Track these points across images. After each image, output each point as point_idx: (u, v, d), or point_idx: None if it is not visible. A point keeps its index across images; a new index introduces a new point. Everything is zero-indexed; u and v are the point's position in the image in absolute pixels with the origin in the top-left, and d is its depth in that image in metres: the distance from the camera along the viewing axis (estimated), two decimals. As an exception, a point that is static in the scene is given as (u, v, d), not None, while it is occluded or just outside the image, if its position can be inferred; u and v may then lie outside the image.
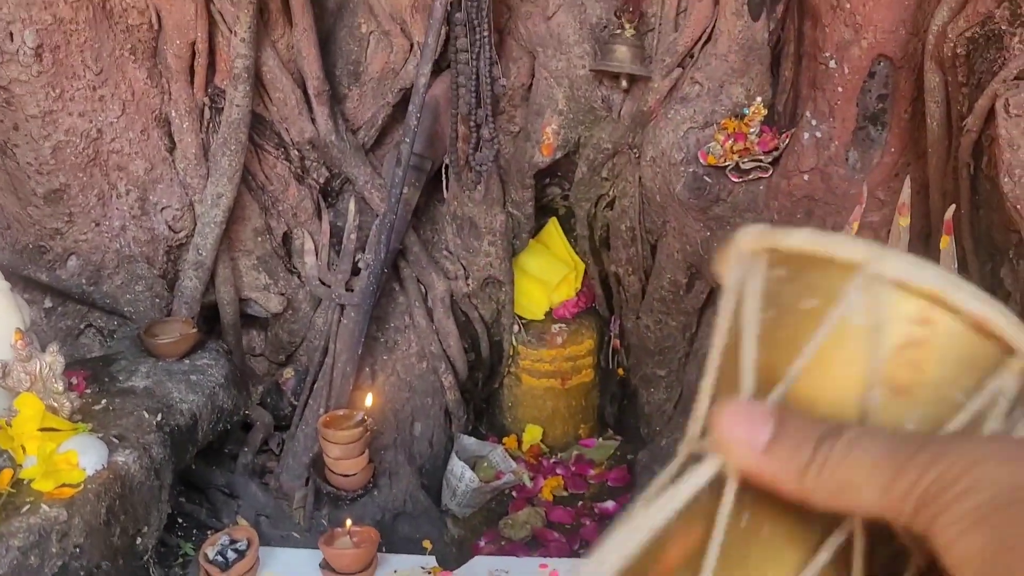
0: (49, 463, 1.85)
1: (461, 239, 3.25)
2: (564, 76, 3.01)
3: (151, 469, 2.06)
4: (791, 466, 0.37)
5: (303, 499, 2.85)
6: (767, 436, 0.37)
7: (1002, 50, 1.83)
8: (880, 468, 0.35)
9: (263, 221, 2.96)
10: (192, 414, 2.32)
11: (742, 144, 2.71)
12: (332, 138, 2.91)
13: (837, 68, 2.32)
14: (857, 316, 0.39)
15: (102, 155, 2.57)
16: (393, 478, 2.96)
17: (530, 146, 3.12)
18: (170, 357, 2.46)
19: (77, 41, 2.41)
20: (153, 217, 2.72)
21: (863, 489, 0.35)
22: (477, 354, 3.37)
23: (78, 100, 2.46)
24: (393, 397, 3.13)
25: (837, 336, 0.39)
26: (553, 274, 3.43)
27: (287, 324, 3.11)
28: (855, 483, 0.35)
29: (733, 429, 0.38)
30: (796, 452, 0.36)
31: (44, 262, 2.58)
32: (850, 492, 0.35)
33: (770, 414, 0.38)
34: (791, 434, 0.37)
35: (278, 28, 2.75)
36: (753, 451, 0.37)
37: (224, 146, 2.68)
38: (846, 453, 0.35)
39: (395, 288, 3.18)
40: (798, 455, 0.36)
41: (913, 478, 0.34)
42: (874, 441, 0.36)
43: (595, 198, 3.28)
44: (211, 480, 2.82)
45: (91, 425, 2.04)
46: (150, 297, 2.71)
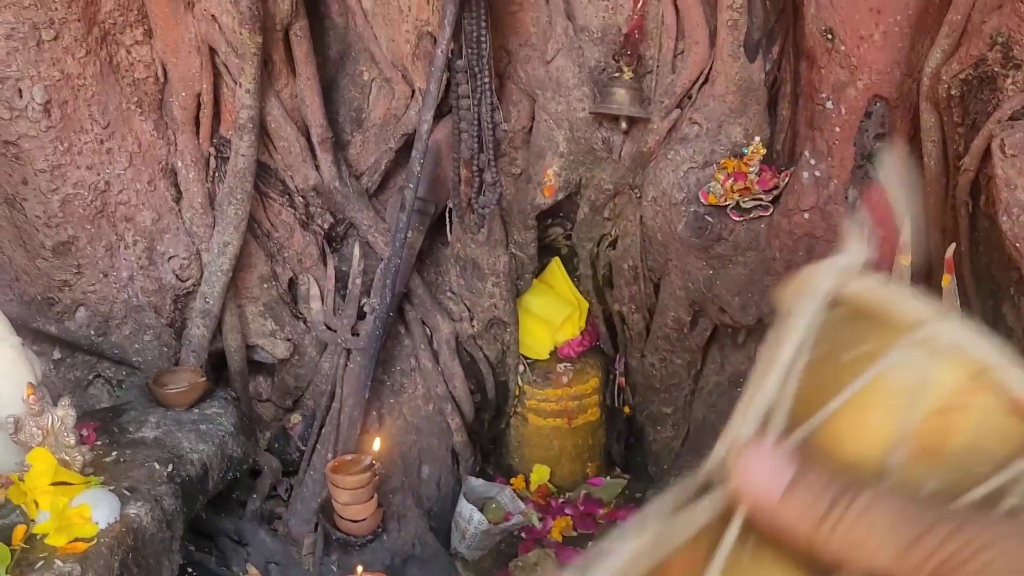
0: (62, 518, 1.85)
1: (465, 281, 3.28)
2: (564, 119, 3.04)
3: (163, 521, 2.06)
4: (807, 516, 0.37)
5: (312, 545, 2.84)
6: (785, 484, 0.38)
7: (995, 91, 1.86)
8: (897, 534, 0.35)
9: (269, 268, 2.98)
10: (202, 464, 2.33)
11: (742, 183, 2.74)
12: (336, 184, 2.95)
13: (834, 108, 2.35)
14: (901, 372, 0.40)
15: (110, 207, 2.60)
16: (402, 522, 2.96)
17: (532, 188, 3.15)
18: (179, 407, 2.47)
19: (85, 96, 2.45)
20: (160, 267, 2.74)
21: (877, 551, 0.35)
22: (483, 395, 3.37)
23: (86, 153, 2.49)
24: (400, 440, 3.14)
25: (877, 387, 0.40)
26: (557, 314, 3.44)
27: (294, 369, 3.12)
28: (870, 544, 0.35)
29: (753, 475, 0.38)
30: (814, 504, 0.37)
31: (53, 314, 2.60)
32: (863, 551, 0.36)
33: (792, 461, 0.38)
34: (810, 484, 0.37)
35: (282, 78, 2.79)
36: (770, 500, 0.38)
37: (230, 195, 2.71)
38: (864, 513, 0.36)
39: (400, 331, 3.20)
40: (815, 507, 0.37)
41: (929, 549, 0.34)
42: (893, 505, 0.36)
43: (597, 238, 3.30)
44: (220, 528, 2.82)
45: (103, 478, 2.04)
46: (158, 346, 2.73)
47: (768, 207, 2.72)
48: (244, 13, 2.48)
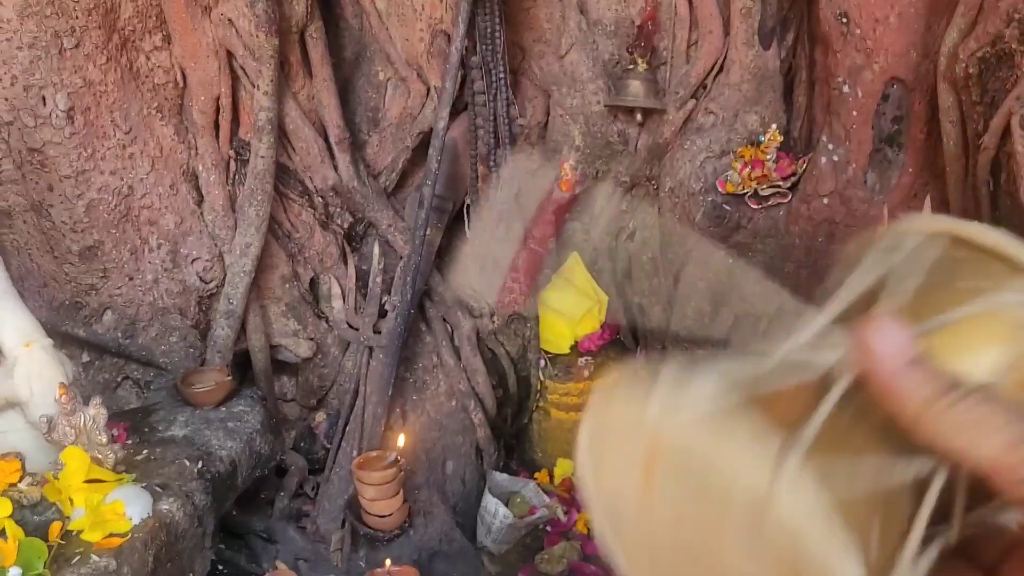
0: (96, 514, 1.88)
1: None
2: (579, 113, 3.06)
3: (194, 516, 2.09)
4: (922, 391, 0.37)
5: (340, 541, 2.86)
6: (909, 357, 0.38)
7: (1014, 68, 1.86)
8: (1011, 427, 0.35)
9: (290, 268, 3.01)
10: (231, 460, 2.36)
11: (760, 171, 2.74)
12: (354, 184, 2.97)
13: (851, 92, 2.36)
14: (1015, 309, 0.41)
15: (133, 211, 2.63)
16: (428, 517, 2.97)
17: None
18: (207, 405, 2.50)
19: (107, 102, 2.48)
20: (184, 269, 2.77)
21: (985, 438, 0.35)
22: (505, 390, 3.39)
23: (109, 159, 2.53)
24: (424, 436, 3.15)
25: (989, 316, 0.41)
26: (577, 308, 3.45)
27: (317, 368, 3.15)
28: (983, 427, 0.36)
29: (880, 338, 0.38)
30: (932, 381, 0.37)
31: (81, 317, 2.63)
32: (970, 436, 0.36)
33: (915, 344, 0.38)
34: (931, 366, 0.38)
35: (298, 80, 2.81)
36: (891, 363, 0.38)
37: (251, 197, 2.74)
38: (982, 402, 0.36)
39: (422, 328, 3.21)
40: (933, 384, 0.37)
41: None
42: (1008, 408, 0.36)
43: (616, 231, 3.31)
44: (249, 526, 2.85)
45: (135, 475, 2.07)
46: (184, 347, 2.76)
47: (786, 194, 2.72)
48: (260, 16, 2.51)
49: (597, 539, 0.45)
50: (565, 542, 3.08)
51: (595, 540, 3.01)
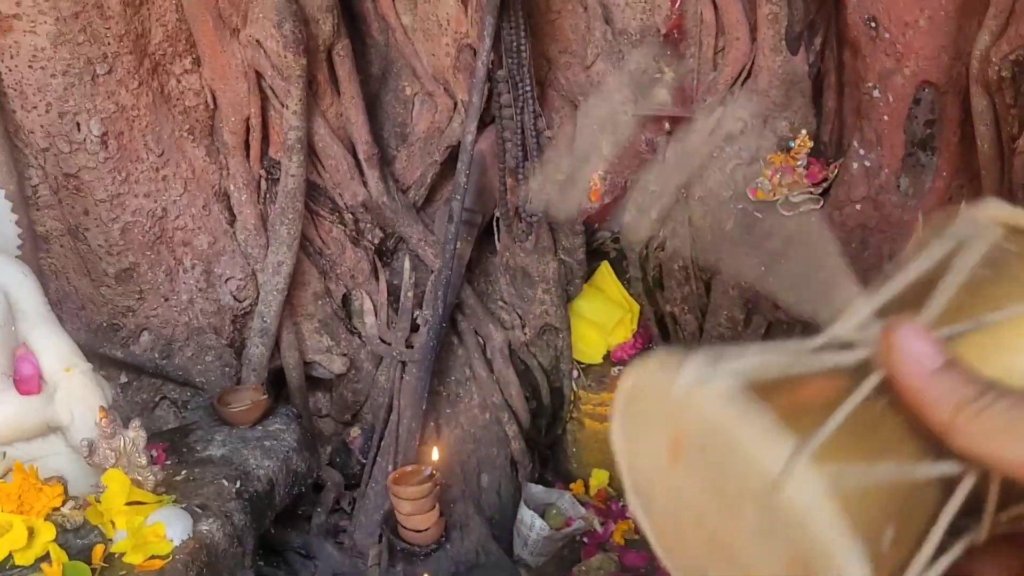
0: (138, 536, 1.90)
1: (515, 289, 3.29)
2: (607, 122, 3.05)
3: (234, 536, 2.11)
4: (951, 397, 0.37)
5: (377, 556, 2.87)
6: (938, 363, 0.38)
7: (1047, 70, 1.84)
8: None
9: (322, 285, 3.03)
10: (269, 479, 2.37)
11: (791, 177, 2.73)
12: (384, 199, 2.99)
13: (881, 97, 2.34)
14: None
15: (167, 232, 2.67)
16: (464, 531, 2.98)
17: (578, 193, 3.17)
18: (243, 424, 2.52)
19: (139, 126, 2.52)
20: (218, 289, 2.80)
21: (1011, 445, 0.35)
22: (538, 402, 3.38)
23: (143, 182, 2.56)
24: (459, 450, 3.16)
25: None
26: (609, 317, 3.44)
27: (351, 384, 3.16)
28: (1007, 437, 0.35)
29: (907, 344, 0.38)
30: (962, 387, 0.37)
31: (118, 339, 2.66)
32: (1004, 439, 0.36)
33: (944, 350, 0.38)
34: (959, 372, 0.37)
35: (326, 98, 2.83)
36: (920, 370, 0.38)
37: (282, 215, 2.76)
38: (1011, 407, 0.36)
39: (454, 342, 3.22)
40: (963, 390, 0.37)
41: None
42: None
43: (646, 240, 3.30)
44: (288, 542, 2.86)
45: (174, 496, 2.09)
46: (219, 367, 2.79)
47: (818, 200, 2.70)
48: (288, 37, 2.53)
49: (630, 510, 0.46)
50: (602, 553, 3.08)
51: (632, 551, 3.00)
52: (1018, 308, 0.40)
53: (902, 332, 0.39)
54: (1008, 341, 0.41)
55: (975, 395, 0.36)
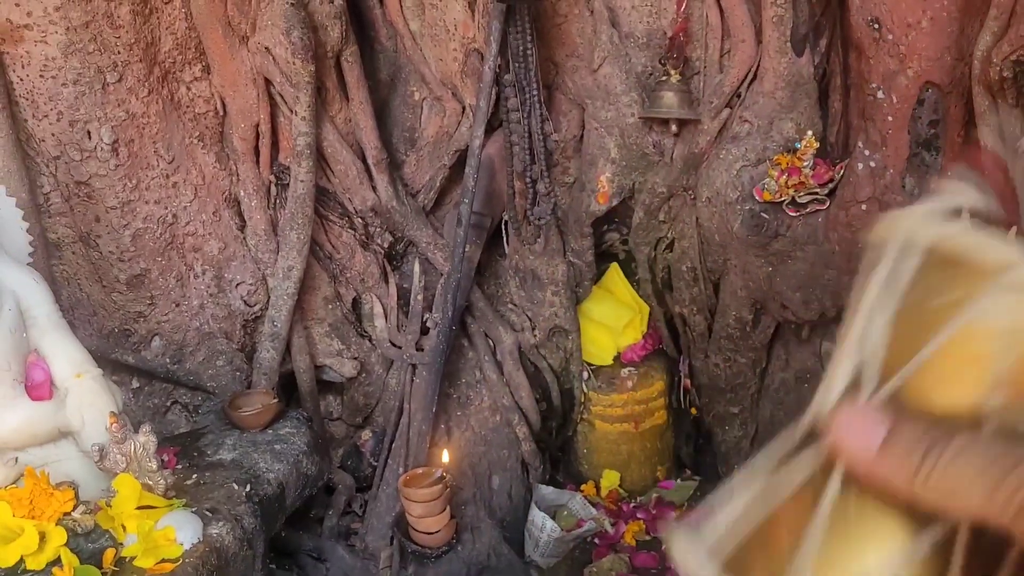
0: (148, 540, 1.92)
1: (525, 291, 3.31)
2: (614, 125, 3.07)
3: (244, 539, 2.13)
4: (901, 472, 0.38)
5: (389, 559, 2.89)
6: (879, 440, 0.39)
7: (1049, 71, 1.84)
8: (984, 476, 0.36)
9: (332, 289, 3.05)
10: (279, 483, 2.39)
11: (797, 178, 2.73)
12: (393, 204, 3.01)
13: (885, 98, 2.34)
14: (992, 318, 0.40)
15: (178, 238, 2.69)
16: (475, 533, 2.99)
17: (586, 195, 3.18)
18: (254, 428, 2.54)
19: (150, 133, 2.55)
20: (229, 294, 2.83)
21: (968, 496, 0.37)
22: (549, 403, 3.40)
23: (153, 188, 2.59)
24: (469, 452, 3.18)
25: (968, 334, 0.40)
26: (618, 319, 3.45)
27: (362, 387, 3.18)
28: (960, 491, 0.37)
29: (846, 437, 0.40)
30: (906, 459, 0.38)
31: (130, 344, 2.69)
32: (956, 498, 0.37)
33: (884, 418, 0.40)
34: (903, 440, 0.39)
35: (335, 104, 2.86)
36: (866, 457, 0.39)
37: (291, 220, 2.78)
38: (952, 463, 0.37)
39: (464, 344, 3.24)
40: (908, 462, 0.38)
41: (1013, 487, 0.36)
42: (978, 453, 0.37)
43: (654, 241, 3.31)
44: (299, 545, 2.89)
45: (185, 500, 2.11)
46: (231, 371, 2.81)
47: (824, 201, 2.70)
48: (296, 44, 2.56)
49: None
50: (613, 554, 3.09)
51: (643, 551, 3.01)
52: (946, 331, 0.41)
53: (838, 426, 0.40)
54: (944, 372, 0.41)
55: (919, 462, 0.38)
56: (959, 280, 0.41)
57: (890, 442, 0.39)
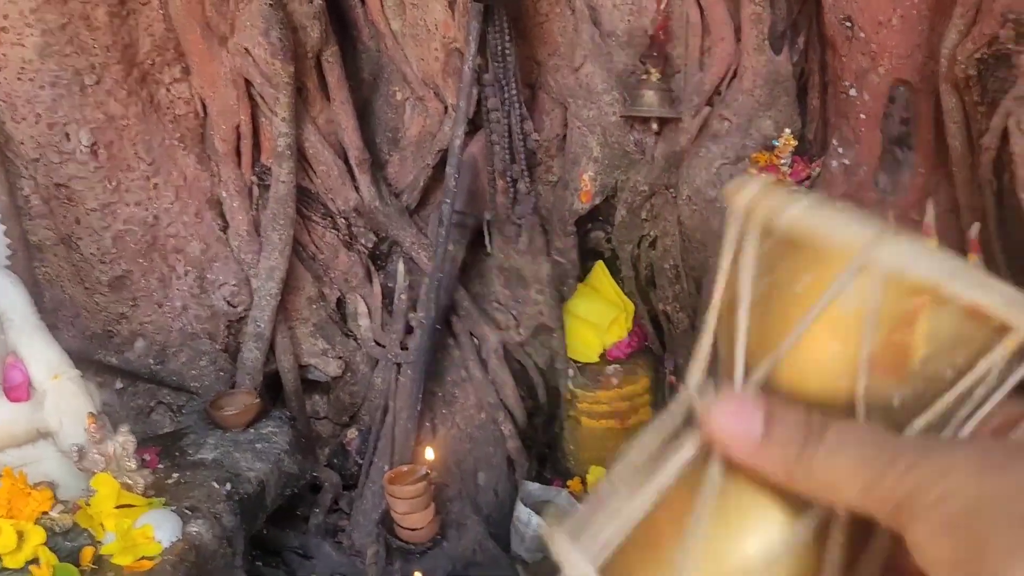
0: (127, 538, 1.94)
1: (509, 290, 3.33)
2: (596, 124, 3.08)
3: (223, 537, 2.15)
4: (779, 462, 0.39)
5: (375, 555, 2.91)
6: (758, 432, 0.39)
7: (1011, 69, 1.85)
8: (861, 472, 0.37)
9: (316, 289, 3.07)
10: (260, 481, 2.42)
11: (775, 176, 2.75)
12: (376, 204, 3.02)
13: (858, 96, 2.36)
14: (849, 301, 0.39)
15: (160, 240, 2.71)
16: (461, 529, 3.01)
17: (569, 194, 3.19)
18: (236, 427, 2.57)
19: (129, 135, 2.56)
20: (212, 295, 2.85)
21: (845, 489, 0.37)
22: (535, 401, 3.42)
23: (134, 190, 2.61)
24: (455, 449, 3.20)
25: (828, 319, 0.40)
26: (603, 317, 3.47)
27: (347, 386, 3.20)
28: (838, 484, 0.37)
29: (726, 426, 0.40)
30: (784, 450, 0.38)
31: (113, 346, 2.71)
32: (834, 491, 0.38)
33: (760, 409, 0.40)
34: (780, 431, 0.39)
35: (316, 104, 2.87)
36: (744, 449, 0.39)
37: (273, 221, 2.80)
38: (830, 455, 0.38)
39: (449, 343, 3.25)
40: (786, 453, 0.38)
41: (891, 484, 0.36)
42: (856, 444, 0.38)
43: (637, 239, 3.33)
44: (285, 543, 2.91)
45: (164, 499, 2.14)
46: (214, 371, 2.83)
47: (802, 198, 2.72)
48: (275, 44, 2.57)
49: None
50: (598, 549, 3.10)
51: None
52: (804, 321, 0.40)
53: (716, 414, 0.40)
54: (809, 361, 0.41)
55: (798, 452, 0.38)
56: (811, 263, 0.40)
57: (767, 432, 0.39)
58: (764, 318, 0.42)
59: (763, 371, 0.41)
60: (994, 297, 0.38)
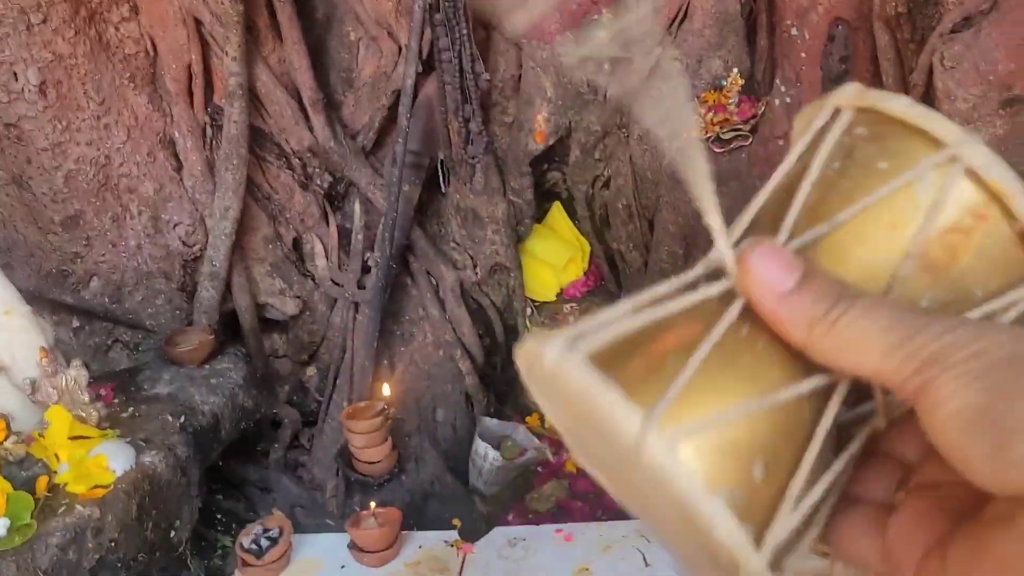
0: (81, 468, 2.00)
1: (466, 230, 3.37)
2: (550, 64, 3.10)
3: (177, 467, 2.21)
4: (804, 317, 0.38)
5: (335, 488, 2.99)
6: (791, 284, 0.38)
7: (938, 6, 1.90)
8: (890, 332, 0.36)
9: (272, 229, 3.10)
10: (214, 414, 2.48)
11: (722, 115, 2.79)
12: (331, 144, 3.04)
13: (799, 35, 2.40)
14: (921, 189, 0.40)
15: (112, 180, 2.73)
16: (419, 463, 3.09)
17: (524, 135, 3.22)
18: (191, 364, 2.61)
19: (78, 75, 2.57)
20: (167, 234, 2.87)
21: (867, 349, 0.36)
22: (493, 339, 3.48)
23: (84, 130, 2.62)
24: (413, 386, 3.26)
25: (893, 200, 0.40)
26: (560, 256, 3.52)
27: (306, 325, 3.25)
28: (861, 343, 0.37)
29: (761, 269, 0.39)
30: (813, 305, 0.38)
31: (68, 285, 2.74)
32: (853, 351, 0.37)
33: (799, 264, 0.39)
34: (813, 288, 0.38)
35: (268, 44, 2.88)
36: (773, 294, 0.39)
37: (227, 161, 2.82)
38: (860, 316, 0.37)
39: (407, 282, 3.30)
40: (814, 308, 0.38)
41: (923, 342, 0.35)
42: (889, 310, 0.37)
43: (591, 179, 3.37)
44: (245, 477, 2.98)
45: (119, 431, 2.19)
46: (170, 310, 2.87)
47: (748, 137, 2.77)
48: (224, -17, 2.57)
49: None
50: (554, 481, 3.19)
51: (584, 477, 3.12)
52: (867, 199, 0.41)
53: (754, 257, 0.39)
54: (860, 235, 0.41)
55: (826, 310, 0.37)
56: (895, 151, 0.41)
57: (801, 287, 0.38)
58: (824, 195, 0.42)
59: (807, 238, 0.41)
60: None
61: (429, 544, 2.69)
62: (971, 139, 0.39)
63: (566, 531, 2.74)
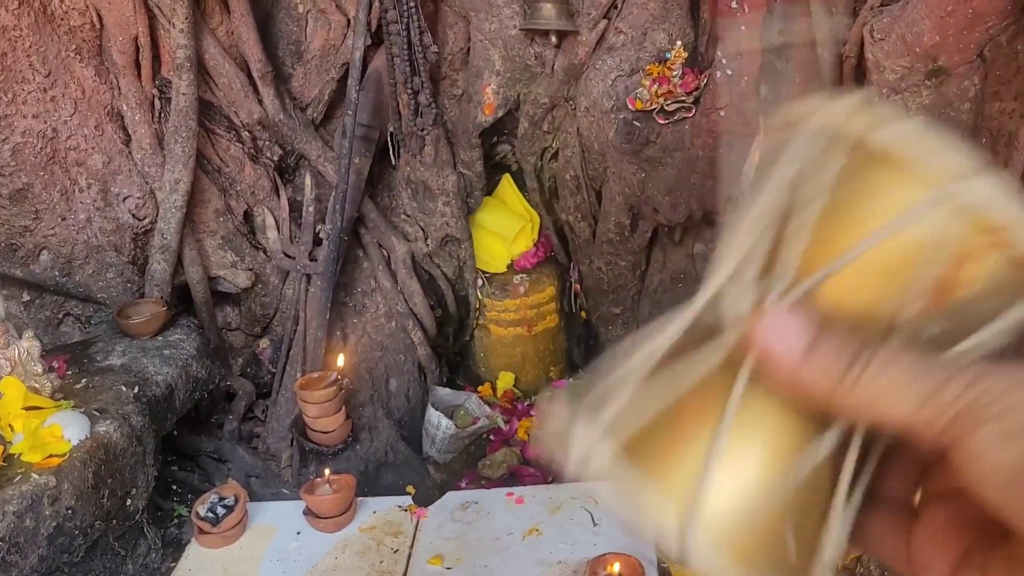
0: (36, 437, 2.02)
1: (417, 202, 3.41)
2: (498, 37, 3.14)
3: (132, 436, 2.24)
4: (826, 376, 0.37)
5: (289, 458, 3.03)
6: (804, 345, 0.37)
7: (870, -21, 1.97)
8: (917, 386, 0.35)
9: (223, 202, 3.11)
10: (167, 385, 2.50)
11: (666, 87, 2.86)
12: (281, 117, 3.06)
13: (739, 7, 2.46)
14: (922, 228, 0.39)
15: (60, 153, 2.72)
16: (373, 432, 3.14)
17: (473, 107, 3.26)
18: (143, 335, 2.63)
19: (23, 47, 2.55)
20: (116, 207, 2.87)
21: (897, 403, 0.35)
22: (445, 310, 3.53)
23: (30, 103, 2.61)
24: (366, 357, 3.30)
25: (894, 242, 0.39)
26: (510, 228, 3.57)
27: (259, 298, 3.27)
28: (889, 396, 0.35)
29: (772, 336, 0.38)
30: (833, 364, 0.37)
31: (17, 258, 2.73)
32: (883, 405, 0.36)
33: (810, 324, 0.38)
34: (829, 345, 0.37)
35: (215, 16, 2.88)
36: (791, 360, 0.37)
37: (176, 134, 2.82)
38: (884, 368, 0.36)
39: (359, 255, 3.33)
40: (834, 367, 0.36)
41: (952, 396, 0.34)
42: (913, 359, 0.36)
43: (540, 151, 3.43)
44: (200, 448, 3.01)
45: (73, 402, 2.21)
46: (121, 283, 2.87)
47: (691, 108, 2.84)
48: (170, -46, 2.57)
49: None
50: (506, 448, 3.26)
51: (532, 444, 3.19)
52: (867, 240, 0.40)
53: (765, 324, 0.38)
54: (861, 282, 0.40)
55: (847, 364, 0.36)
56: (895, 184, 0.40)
57: (816, 346, 0.37)
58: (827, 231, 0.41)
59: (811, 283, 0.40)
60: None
61: (383, 509, 2.75)
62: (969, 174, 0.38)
63: (517, 494, 2.81)
